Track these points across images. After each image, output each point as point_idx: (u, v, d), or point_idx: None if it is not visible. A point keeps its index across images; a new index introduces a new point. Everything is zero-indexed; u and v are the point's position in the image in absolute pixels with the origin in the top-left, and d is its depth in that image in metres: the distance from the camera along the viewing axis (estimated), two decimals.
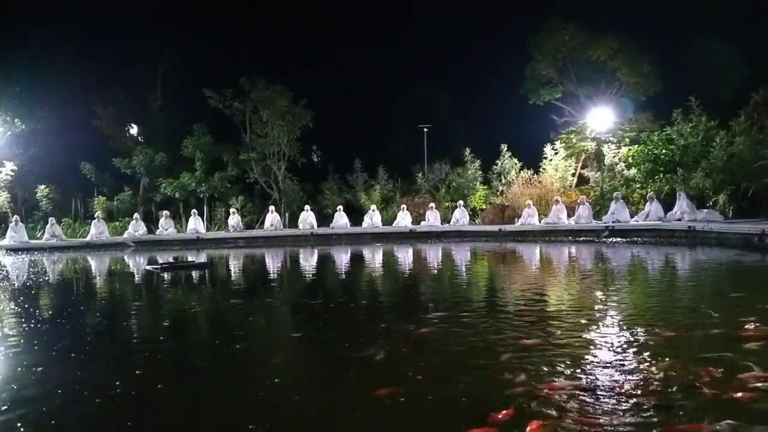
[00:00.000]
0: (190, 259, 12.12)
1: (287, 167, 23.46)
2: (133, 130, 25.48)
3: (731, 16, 20.88)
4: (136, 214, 20.06)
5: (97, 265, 13.00)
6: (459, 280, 8.73)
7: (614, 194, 16.60)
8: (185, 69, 24.03)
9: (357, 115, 29.26)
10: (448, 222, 18.91)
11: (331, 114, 25.79)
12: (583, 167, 21.54)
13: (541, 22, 21.07)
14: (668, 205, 15.39)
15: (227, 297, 7.55)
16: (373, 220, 19.17)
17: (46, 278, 10.16)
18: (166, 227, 19.34)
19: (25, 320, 5.58)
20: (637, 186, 18.30)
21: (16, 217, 18.55)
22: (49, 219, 18.88)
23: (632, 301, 5.93)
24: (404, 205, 19.46)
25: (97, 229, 18.80)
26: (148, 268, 11.28)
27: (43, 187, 22.37)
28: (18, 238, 17.59)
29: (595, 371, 3.28)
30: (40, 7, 24.04)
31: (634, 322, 4.56)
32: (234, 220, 19.86)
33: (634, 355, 3.58)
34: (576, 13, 20.48)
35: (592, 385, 3.03)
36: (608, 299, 5.82)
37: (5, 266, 12.68)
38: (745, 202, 15.63)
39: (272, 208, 20.77)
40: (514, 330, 4.39)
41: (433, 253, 13.29)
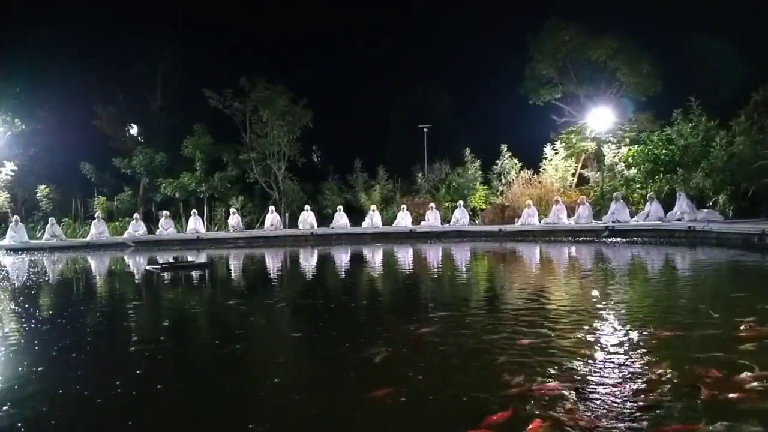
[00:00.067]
0: (190, 259, 12.12)
1: (287, 167, 23.47)
2: (133, 130, 25.49)
3: (731, 16, 20.90)
4: (136, 214, 20.07)
5: (97, 265, 13.01)
6: (459, 280, 8.73)
7: (614, 194, 16.59)
8: (185, 69, 24.08)
9: (357, 115, 29.30)
10: (448, 222, 18.91)
11: (331, 114, 25.82)
12: (583, 167, 21.54)
13: (541, 22, 21.12)
14: (668, 205, 15.38)
15: (227, 297, 7.55)
16: (373, 220, 19.17)
17: (46, 278, 10.16)
18: (166, 227, 19.35)
19: (25, 320, 5.58)
20: (637, 186, 18.30)
21: (16, 217, 18.56)
22: (49, 219, 18.89)
23: (632, 302, 5.93)
24: (404, 205, 19.46)
25: (97, 229, 18.81)
26: (148, 268, 11.28)
27: (43, 187, 22.38)
28: (18, 238, 17.60)
29: (594, 371, 3.28)
30: (40, 7, 24.09)
31: (634, 323, 4.56)
32: (234, 220, 19.86)
33: (633, 355, 3.58)
34: (576, 13, 20.54)
35: (590, 385, 3.03)
36: (608, 299, 5.82)
37: (5, 266, 12.69)
38: (745, 202, 15.63)
39: (272, 208, 20.77)
40: (514, 330, 4.39)
41: (433, 254, 13.29)
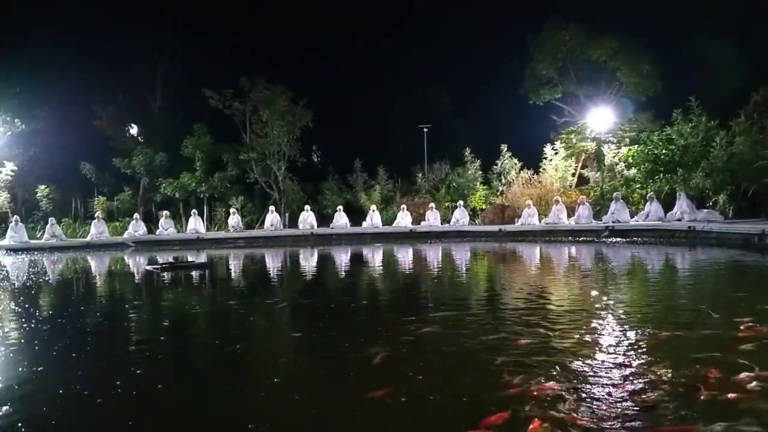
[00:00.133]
0: (190, 259, 12.12)
1: (287, 167, 23.48)
2: (133, 130, 25.51)
3: (731, 16, 20.91)
4: (136, 214, 20.08)
5: (97, 265, 13.00)
6: (459, 280, 8.73)
7: (614, 194, 16.60)
8: (185, 69, 24.10)
9: (357, 115, 29.32)
10: (448, 222, 18.91)
11: (331, 114, 25.84)
12: (583, 167, 21.55)
13: (541, 22, 21.15)
14: (668, 205, 15.39)
15: (227, 297, 7.55)
16: (373, 220, 19.17)
17: (46, 278, 10.16)
18: (166, 227, 19.35)
19: (25, 320, 5.58)
20: (637, 186, 18.30)
21: (16, 217, 18.56)
22: (49, 219, 18.90)
23: (632, 302, 5.93)
24: (404, 205, 19.46)
25: (97, 229, 18.81)
26: (148, 268, 11.28)
27: (43, 187, 22.39)
28: (18, 238, 17.61)
29: (594, 372, 3.28)
30: (40, 7, 24.12)
31: (634, 323, 4.56)
32: (234, 220, 19.86)
33: (633, 355, 3.58)
34: (576, 13, 20.55)
35: (590, 385, 3.03)
36: (608, 299, 5.82)
37: (5, 266, 12.69)
38: (745, 202, 15.64)
39: (272, 208, 20.77)
40: (514, 330, 4.39)
41: (433, 254, 13.28)
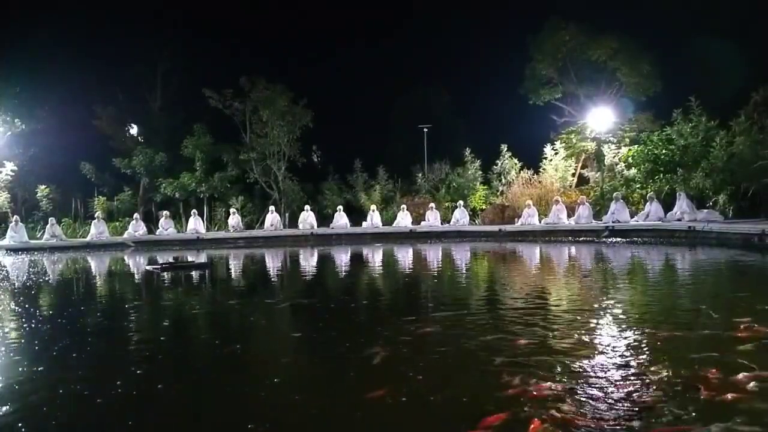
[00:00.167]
0: (190, 259, 12.12)
1: (287, 167, 23.48)
2: (133, 130, 25.51)
3: (731, 16, 20.91)
4: (136, 214, 20.08)
5: (97, 265, 13.00)
6: (459, 280, 8.73)
7: (614, 194, 16.59)
8: (185, 69, 24.10)
9: (357, 115, 29.31)
10: (448, 222, 18.91)
11: (331, 114, 25.84)
12: (583, 167, 21.55)
13: (541, 22, 21.14)
14: (668, 205, 15.39)
15: (227, 297, 7.55)
16: (373, 220, 19.17)
17: (46, 278, 10.16)
18: (166, 227, 19.35)
19: (25, 320, 5.58)
20: (637, 186, 18.30)
21: (16, 217, 18.57)
22: (49, 219, 18.90)
23: (632, 302, 5.92)
24: (404, 205, 19.46)
25: (97, 229, 18.81)
26: (148, 268, 11.28)
27: (43, 187, 22.39)
28: (18, 238, 17.61)
29: (594, 372, 3.28)
30: (40, 7, 24.13)
31: (634, 323, 4.56)
32: (234, 220, 19.86)
33: (633, 355, 3.58)
34: (576, 13, 20.55)
35: (589, 385, 3.03)
36: (608, 299, 5.82)
37: (5, 266, 12.69)
38: (745, 202, 15.64)
39: (272, 208, 20.77)
40: (514, 330, 4.39)
41: (433, 254, 13.28)
